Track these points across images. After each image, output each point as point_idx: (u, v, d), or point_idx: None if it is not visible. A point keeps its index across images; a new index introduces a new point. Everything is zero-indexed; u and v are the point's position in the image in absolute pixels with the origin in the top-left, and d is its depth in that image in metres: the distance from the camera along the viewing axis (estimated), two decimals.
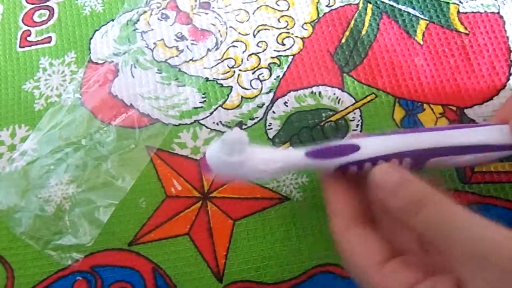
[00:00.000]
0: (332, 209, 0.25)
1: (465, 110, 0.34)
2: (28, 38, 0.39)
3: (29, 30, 0.39)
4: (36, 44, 0.38)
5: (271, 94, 0.35)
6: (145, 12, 0.39)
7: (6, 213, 0.33)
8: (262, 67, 0.36)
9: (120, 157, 0.34)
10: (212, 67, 0.36)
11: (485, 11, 0.37)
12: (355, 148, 0.24)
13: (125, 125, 0.35)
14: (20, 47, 0.38)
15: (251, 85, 0.36)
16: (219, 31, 0.38)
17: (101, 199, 0.33)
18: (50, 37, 0.39)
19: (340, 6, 0.38)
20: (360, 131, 0.34)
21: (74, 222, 0.32)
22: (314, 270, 0.31)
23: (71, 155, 0.34)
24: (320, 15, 0.38)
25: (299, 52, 0.37)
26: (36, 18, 0.39)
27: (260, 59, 0.36)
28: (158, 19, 0.38)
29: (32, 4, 0.40)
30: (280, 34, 0.37)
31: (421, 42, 0.36)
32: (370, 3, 0.38)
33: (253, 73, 0.36)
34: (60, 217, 0.33)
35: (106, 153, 0.34)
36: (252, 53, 0.37)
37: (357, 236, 0.23)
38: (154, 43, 0.37)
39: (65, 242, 0.32)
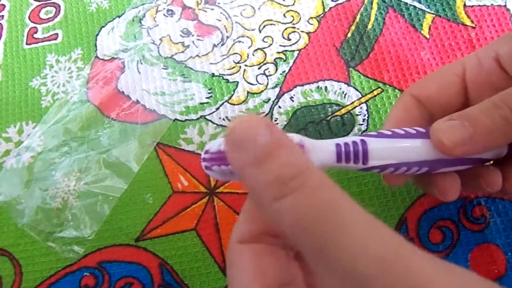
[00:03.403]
0: (243, 210, 0.20)
1: None
2: (35, 35, 0.39)
3: (35, 27, 0.39)
4: (43, 41, 0.39)
5: (277, 89, 0.35)
6: (151, 8, 0.39)
7: (9, 204, 0.33)
8: (268, 62, 0.36)
9: (122, 152, 0.34)
10: (218, 62, 0.36)
11: (492, 4, 0.37)
12: (366, 158, 0.21)
13: (130, 120, 0.35)
14: (26, 44, 0.38)
15: (257, 80, 0.36)
16: (224, 26, 0.38)
17: (103, 193, 0.33)
18: (57, 34, 0.39)
19: (346, 1, 0.38)
20: (367, 125, 0.34)
21: (76, 215, 0.32)
22: None
23: (76, 149, 0.34)
24: (326, 10, 0.38)
25: (305, 47, 0.37)
26: (42, 15, 0.40)
27: (266, 54, 0.36)
28: (164, 15, 0.38)
29: (39, 1, 0.40)
30: (286, 29, 0.37)
31: (428, 36, 0.36)
32: None
33: (259, 68, 0.36)
34: (62, 210, 0.33)
35: (109, 147, 0.34)
36: (258, 48, 0.37)
37: (250, 256, 0.18)
38: (160, 39, 0.37)
39: (66, 234, 0.32)
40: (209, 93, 0.36)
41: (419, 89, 0.25)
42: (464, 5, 0.37)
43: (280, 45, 0.37)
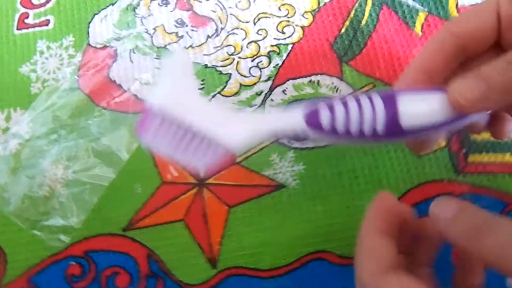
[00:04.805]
0: (367, 254, 0.22)
1: None
2: (26, 21, 0.38)
3: (27, 12, 0.39)
4: (34, 27, 0.38)
5: (270, 82, 0.35)
6: None
7: None
8: (261, 55, 0.36)
9: (113, 140, 0.34)
10: (211, 54, 0.36)
11: None
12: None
13: (120, 109, 0.35)
14: (17, 29, 0.38)
15: (250, 73, 0.36)
16: (219, 17, 0.37)
17: (91, 181, 0.33)
18: (48, 20, 0.38)
19: None
20: None
21: (63, 203, 0.32)
22: (308, 257, 0.31)
23: (65, 136, 0.34)
24: (321, 4, 0.38)
25: (298, 41, 0.37)
26: (34, 0, 0.39)
27: (259, 47, 0.36)
28: (159, 4, 0.38)
29: None
30: (281, 22, 0.37)
31: (420, 34, 0.36)
32: None
33: (252, 61, 0.36)
34: (49, 198, 0.32)
35: (99, 136, 0.34)
36: (252, 41, 0.37)
37: (399, 281, 0.20)
38: (154, 29, 0.37)
39: (52, 223, 0.32)
40: (201, 84, 0.35)
41: (457, 24, 0.24)
42: (456, 4, 0.37)
43: (274, 38, 0.37)
